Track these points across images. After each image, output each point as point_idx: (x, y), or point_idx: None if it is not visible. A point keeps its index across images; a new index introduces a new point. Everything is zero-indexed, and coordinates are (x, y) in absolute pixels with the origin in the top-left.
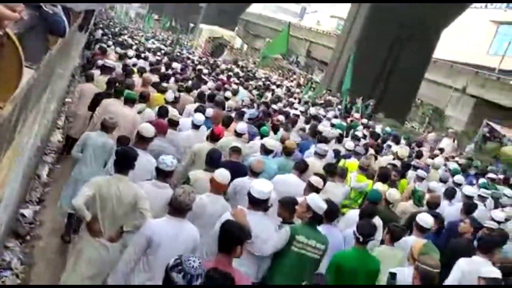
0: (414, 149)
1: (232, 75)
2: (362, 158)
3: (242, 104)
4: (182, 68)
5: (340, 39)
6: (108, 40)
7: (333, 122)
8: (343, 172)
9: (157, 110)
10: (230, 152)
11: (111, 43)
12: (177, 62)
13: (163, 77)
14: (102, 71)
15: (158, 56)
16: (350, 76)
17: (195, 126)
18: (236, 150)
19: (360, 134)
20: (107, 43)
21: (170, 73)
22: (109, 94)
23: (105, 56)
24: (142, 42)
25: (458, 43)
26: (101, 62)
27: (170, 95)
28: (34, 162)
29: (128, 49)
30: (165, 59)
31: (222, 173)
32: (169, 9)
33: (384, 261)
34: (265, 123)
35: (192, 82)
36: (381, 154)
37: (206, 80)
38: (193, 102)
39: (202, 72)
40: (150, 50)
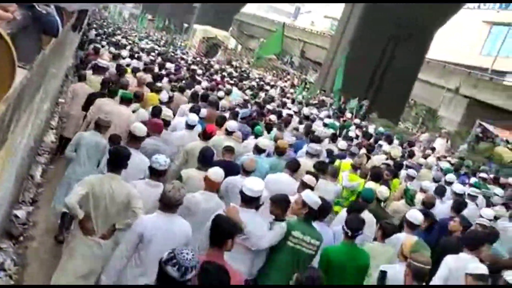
0: (406, 149)
1: (225, 75)
2: (354, 158)
3: (235, 103)
4: (176, 68)
5: (334, 40)
6: (101, 40)
7: (325, 122)
8: (335, 171)
9: (151, 110)
10: (223, 151)
11: (105, 43)
12: (171, 62)
13: (157, 77)
14: (95, 71)
15: (152, 56)
16: (342, 76)
17: (189, 126)
18: (229, 150)
19: (352, 134)
20: (101, 43)
21: (164, 73)
22: (103, 94)
23: (98, 56)
24: (136, 42)
25: (451, 44)
26: (95, 62)
27: (164, 96)
28: (27, 163)
29: (122, 49)
30: (158, 59)
31: (216, 171)
32: (163, 9)
33: (375, 257)
34: (258, 123)
35: (186, 82)
36: (372, 154)
37: (200, 80)
38: (186, 102)
39: (196, 72)
40: (144, 50)
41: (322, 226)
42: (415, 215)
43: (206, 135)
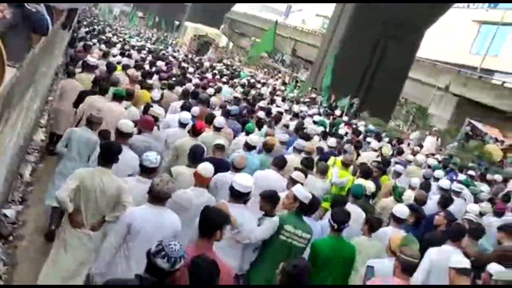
0: (396, 146)
1: (216, 73)
2: (344, 154)
3: (224, 101)
4: (168, 66)
5: (325, 38)
6: (92, 38)
7: (315, 119)
8: (324, 168)
9: (143, 108)
10: (214, 149)
11: (96, 41)
12: (162, 60)
13: (147, 74)
14: (84, 69)
15: (143, 54)
16: (330, 74)
17: (182, 125)
18: (219, 148)
19: (342, 131)
20: (92, 41)
21: (153, 70)
22: (94, 92)
23: (88, 53)
24: (126, 40)
25: (441, 42)
26: (84, 60)
27: (156, 94)
28: (17, 162)
29: (112, 47)
30: (149, 57)
31: (206, 166)
32: (154, 7)
33: (362, 251)
34: (249, 120)
35: (176, 80)
36: (361, 151)
37: (190, 78)
38: (177, 99)
39: (187, 70)
40: (135, 48)
41: (310, 221)
42: (401, 210)
43: (195, 132)
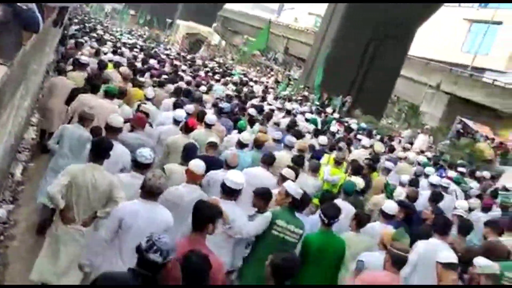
0: (387, 143)
1: (209, 71)
2: (337, 152)
3: (216, 98)
4: (161, 64)
5: (317, 37)
6: (83, 36)
7: (307, 117)
8: (316, 165)
9: (136, 106)
10: (206, 146)
11: (87, 39)
12: (154, 58)
13: (139, 72)
14: (76, 67)
15: (135, 51)
16: (322, 73)
17: (177, 122)
18: (212, 145)
19: (334, 129)
20: (83, 39)
21: (145, 68)
22: (85, 90)
23: (79, 50)
24: (118, 37)
25: (433, 41)
26: (75, 57)
27: (150, 92)
28: (8, 161)
29: (104, 45)
30: (141, 55)
31: (197, 163)
32: (146, 4)
33: (351, 246)
34: (241, 118)
35: (169, 77)
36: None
37: (182, 76)
38: (167, 97)
39: (180, 68)
40: (126, 45)
41: (302, 217)
42: (390, 206)
43: (187, 129)
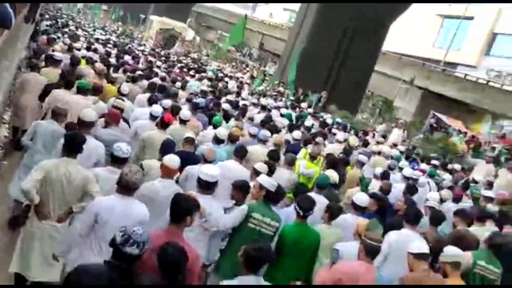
0: (361, 138)
1: (184, 66)
2: (312, 147)
3: (190, 93)
4: (136, 60)
5: (292, 32)
6: (56, 31)
7: (282, 112)
8: (291, 159)
9: (112, 102)
10: (183, 142)
11: (60, 35)
12: (128, 54)
13: (114, 67)
14: (48, 63)
15: (108, 47)
16: (295, 69)
17: (153, 117)
18: (189, 141)
19: (309, 123)
20: (56, 35)
21: (118, 64)
22: (59, 85)
23: (51, 46)
24: (91, 33)
25: (407, 36)
26: (47, 53)
27: (125, 87)
28: None
29: (76, 41)
30: (115, 51)
31: (171, 158)
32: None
33: (324, 238)
34: (216, 113)
35: (144, 73)
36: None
37: (157, 71)
38: (141, 92)
39: (155, 63)
40: (99, 41)
41: (277, 209)
42: (361, 198)
43: (163, 124)
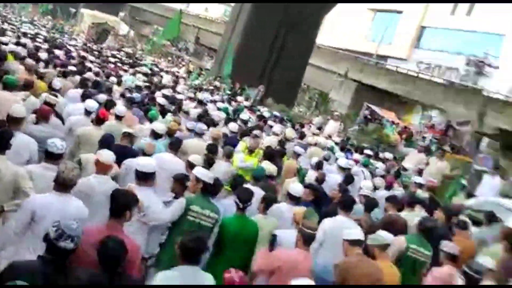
0: (298, 130)
1: (118, 61)
2: (250, 140)
3: (124, 88)
4: (68, 55)
5: (228, 27)
6: None
7: (218, 106)
8: (229, 152)
9: (43, 98)
10: (121, 137)
11: None
12: (59, 49)
13: (45, 63)
14: None
15: (38, 42)
16: (231, 63)
17: (88, 113)
18: (127, 135)
19: (245, 116)
20: None
21: (48, 58)
22: None
23: None
24: (18, 27)
25: (341, 30)
26: None
27: (56, 83)
28: None
29: (3, 35)
30: (45, 46)
31: (106, 153)
32: None
33: (261, 228)
34: (152, 108)
35: (77, 69)
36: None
37: (90, 66)
38: (72, 87)
39: (87, 58)
40: (27, 35)
41: (215, 201)
42: (296, 188)
43: (99, 120)
